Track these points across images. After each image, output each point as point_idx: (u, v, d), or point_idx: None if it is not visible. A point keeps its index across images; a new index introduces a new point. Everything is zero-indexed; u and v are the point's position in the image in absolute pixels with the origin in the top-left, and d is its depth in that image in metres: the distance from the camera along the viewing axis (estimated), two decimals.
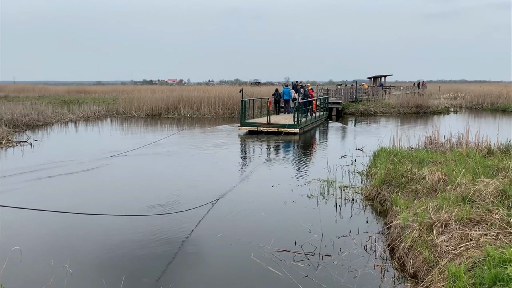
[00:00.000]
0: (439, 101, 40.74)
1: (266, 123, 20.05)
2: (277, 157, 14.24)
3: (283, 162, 13.15)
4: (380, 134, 17.44)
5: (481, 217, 5.32)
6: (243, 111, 20.58)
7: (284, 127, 19.19)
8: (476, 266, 4.28)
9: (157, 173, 11.48)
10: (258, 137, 18.63)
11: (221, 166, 12.44)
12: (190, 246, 6.33)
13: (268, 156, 14.54)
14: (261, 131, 19.71)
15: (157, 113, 30.50)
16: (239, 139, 18.52)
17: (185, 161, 13.03)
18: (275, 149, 15.98)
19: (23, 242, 6.23)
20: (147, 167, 12.31)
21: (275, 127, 19.65)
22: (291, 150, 16.09)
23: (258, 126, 20.04)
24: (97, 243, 6.41)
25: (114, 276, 5.24)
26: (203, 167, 12.17)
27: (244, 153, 15.53)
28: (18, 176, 10.69)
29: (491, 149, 10.54)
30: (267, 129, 19.72)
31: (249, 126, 20.35)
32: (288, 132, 18.97)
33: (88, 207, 7.92)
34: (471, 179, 6.88)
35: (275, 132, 19.28)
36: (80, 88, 66.95)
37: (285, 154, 15.15)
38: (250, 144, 17.26)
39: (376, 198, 8.39)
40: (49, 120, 25.02)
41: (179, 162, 12.86)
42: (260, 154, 14.92)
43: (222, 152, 14.93)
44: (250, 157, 14.67)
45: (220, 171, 11.72)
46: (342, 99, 33.38)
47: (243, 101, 20.78)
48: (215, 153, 14.58)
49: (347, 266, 5.54)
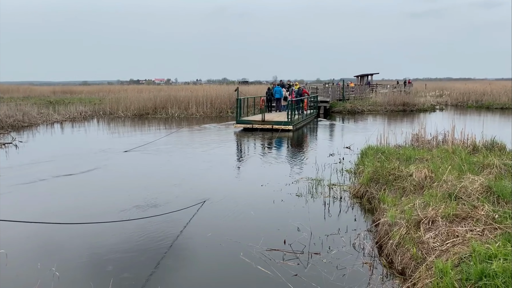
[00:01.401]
0: (425, 99, 41.15)
1: (261, 120, 20.60)
2: (269, 155, 14.26)
3: (274, 160, 13.16)
4: (367, 132, 17.56)
5: (467, 213, 5.39)
6: (238, 109, 21.09)
7: (279, 124, 19.90)
8: (462, 262, 4.33)
9: (150, 172, 11.45)
10: (254, 134, 19.11)
11: (214, 164, 12.45)
12: (179, 246, 6.30)
13: (261, 153, 14.63)
14: (256, 128, 20.26)
15: (144, 113, 30.28)
16: (235, 136, 18.89)
17: (175, 160, 13.08)
18: (268, 146, 16.20)
19: (9, 245, 6.13)
20: (141, 166, 12.29)
21: (269, 124, 20.26)
22: (283, 147, 16.25)
23: (253, 123, 20.56)
24: (84, 245, 6.34)
25: (102, 278, 5.19)
26: (194, 165, 12.19)
27: (238, 151, 15.64)
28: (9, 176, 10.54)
29: (476, 146, 10.68)
30: (262, 126, 20.29)
31: (244, 123, 20.86)
32: (283, 129, 19.65)
33: (80, 210, 7.83)
34: (457, 176, 6.96)
35: (270, 129, 19.97)
36: (66, 89, 65.96)
37: (277, 151, 15.24)
38: (245, 141, 17.60)
39: (364, 196, 8.44)
40: (34, 121, 24.66)
41: (170, 160, 12.95)
42: (253, 152, 15.08)
43: (218, 149, 15.15)
44: (244, 154, 14.79)
45: (213, 169, 11.69)
46: (329, 97, 33.52)
47: (239, 99, 21.25)
48: (210, 151, 14.72)
49: (336, 264, 5.56)
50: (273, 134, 18.98)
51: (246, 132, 20.08)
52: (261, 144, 16.73)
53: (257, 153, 14.83)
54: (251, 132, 19.80)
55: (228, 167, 12.17)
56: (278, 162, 12.79)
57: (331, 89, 35.98)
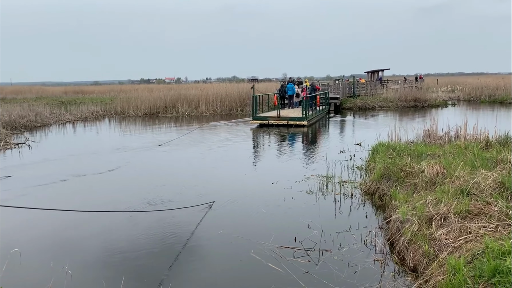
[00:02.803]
0: (437, 94, 40.77)
1: (277, 116, 21.31)
2: (282, 151, 14.36)
3: (287, 157, 13.22)
4: (378, 128, 17.44)
5: (480, 209, 5.32)
6: (254, 106, 21.85)
7: (294, 120, 20.60)
8: (475, 258, 4.28)
9: (165, 168, 11.94)
10: (270, 130, 19.86)
11: (228, 160, 12.85)
12: (190, 244, 6.32)
13: (275, 149, 14.80)
14: (272, 124, 20.95)
15: (155, 112, 30.43)
16: (252, 132, 19.47)
17: (191, 156, 13.61)
18: (282, 142, 16.58)
19: (22, 244, 6.23)
20: (160, 163, 12.72)
21: (285, 120, 20.95)
22: (297, 143, 16.45)
23: (269, 119, 21.27)
24: (96, 243, 6.40)
25: (114, 276, 5.24)
26: (209, 162, 12.51)
27: (253, 147, 15.93)
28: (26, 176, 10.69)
29: (490, 141, 10.52)
30: (277, 122, 20.98)
31: (260, 119, 21.63)
32: (297, 124, 20.31)
33: (94, 206, 7.91)
34: (469, 172, 6.88)
35: (285, 125, 20.61)
36: (77, 89, 66.68)
37: (291, 148, 15.29)
38: (261, 137, 18.12)
39: (375, 193, 8.38)
40: (47, 121, 24.98)
41: (186, 157, 13.41)
42: (268, 147, 15.58)
43: (235, 144, 15.71)
44: (258, 150, 15.19)
45: (227, 166, 11.99)
46: (340, 94, 33.33)
47: (255, 96, 21.96)
48: (227, 146, 15.27)
49: (347, 261, 5.54)
50: (288, 129, 19.57)
51: (262, 128, 20.66)
52: (276, 140, 17.10)
53: (271, 149, 15.06)
54: (267, 128, 20.45)
55: (242, 163, 12.33)
56: (290, 159, 12.75)
57: (341, 85, 35.76)
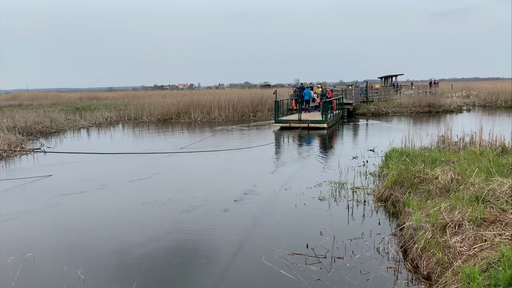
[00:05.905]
0: (451, 99, 40.25)
1: (298, 120, 22.58)
2: (300, 155, 14.56)
3: (303, 161, 13.41)
4: (391, 134, 17.30)
5: (495, 217, 5.23)
6: (277, 110, 23.24)
7: (315, 123, 21.91)
8: (491, 267, 4.20)
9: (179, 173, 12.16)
10: (292, 132, 20.97)
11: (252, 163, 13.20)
12: (202, 249, 6.33)
13: (292, 154, 14.98)
14: (293, 127, 22.18)
15: (168, 117, 30.67)
16: (274, 135, 20.77)
17: (206, 161, 13.87)
18: (300, 144, 17.30)
19: (36, 249, 6.30)
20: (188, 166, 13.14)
21: (305, 123, 22.10)
22: (315, 147, 16.84)
23: (291, 122, 22.55)
24: (109, 248, 6.45)
25: (126, 281, 5.26)
26: (225, 167, 12.73)
27: (272, 151, 16.17)
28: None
29: (506, 147, 10.36)
30: (299, 125, 22.18)
31: (282, 123, 22.85)
32: (318, 127, 21.67)
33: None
34: (484, 179, 6.76)
35: (306, 128, 21.84)
36: (92, 95, 67.62)
37: (308, 151, 15.49)
38: (282, 140, 18.98)
39: (389, 199, 8.29)
40: (62, 127, 25.34)
41: (202, 162, 13.68)
42: (287, 151, 16.03)
43: (256, 150, 15.88)
44: (275, 155, 15.38)
45: (244, 170, 12.36)
46: (353, 99, 33.17)
47: (277, 101, 23.58)
48: (245, 152, 15.48)
49: (360, 268, 5.48)
50: (309, 132, 20.87)
51: (284, 130, 21.83)
52: (296, 143, 17.85)
53: (289, 152, 15.39)
54: (289, 130, 21.64)
55: (257, 167, 12.47)
56: (306, 163, 12.80)
57: (354, 91, 35.59)
